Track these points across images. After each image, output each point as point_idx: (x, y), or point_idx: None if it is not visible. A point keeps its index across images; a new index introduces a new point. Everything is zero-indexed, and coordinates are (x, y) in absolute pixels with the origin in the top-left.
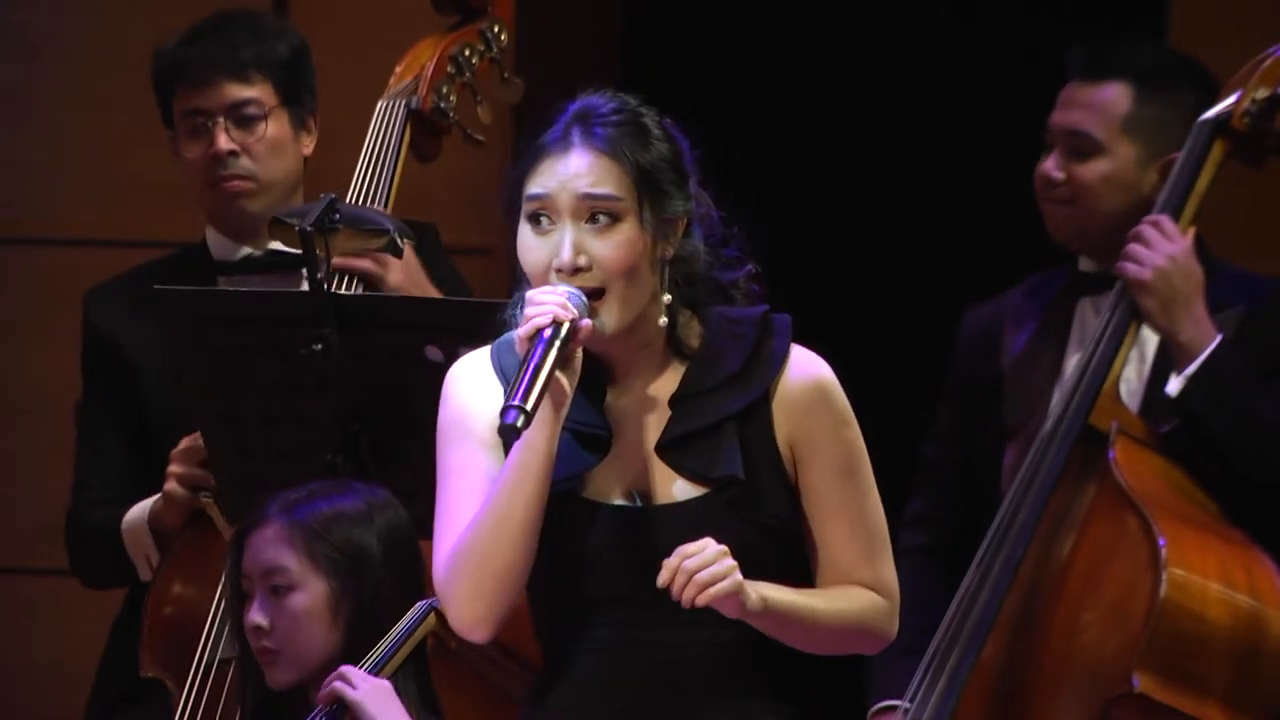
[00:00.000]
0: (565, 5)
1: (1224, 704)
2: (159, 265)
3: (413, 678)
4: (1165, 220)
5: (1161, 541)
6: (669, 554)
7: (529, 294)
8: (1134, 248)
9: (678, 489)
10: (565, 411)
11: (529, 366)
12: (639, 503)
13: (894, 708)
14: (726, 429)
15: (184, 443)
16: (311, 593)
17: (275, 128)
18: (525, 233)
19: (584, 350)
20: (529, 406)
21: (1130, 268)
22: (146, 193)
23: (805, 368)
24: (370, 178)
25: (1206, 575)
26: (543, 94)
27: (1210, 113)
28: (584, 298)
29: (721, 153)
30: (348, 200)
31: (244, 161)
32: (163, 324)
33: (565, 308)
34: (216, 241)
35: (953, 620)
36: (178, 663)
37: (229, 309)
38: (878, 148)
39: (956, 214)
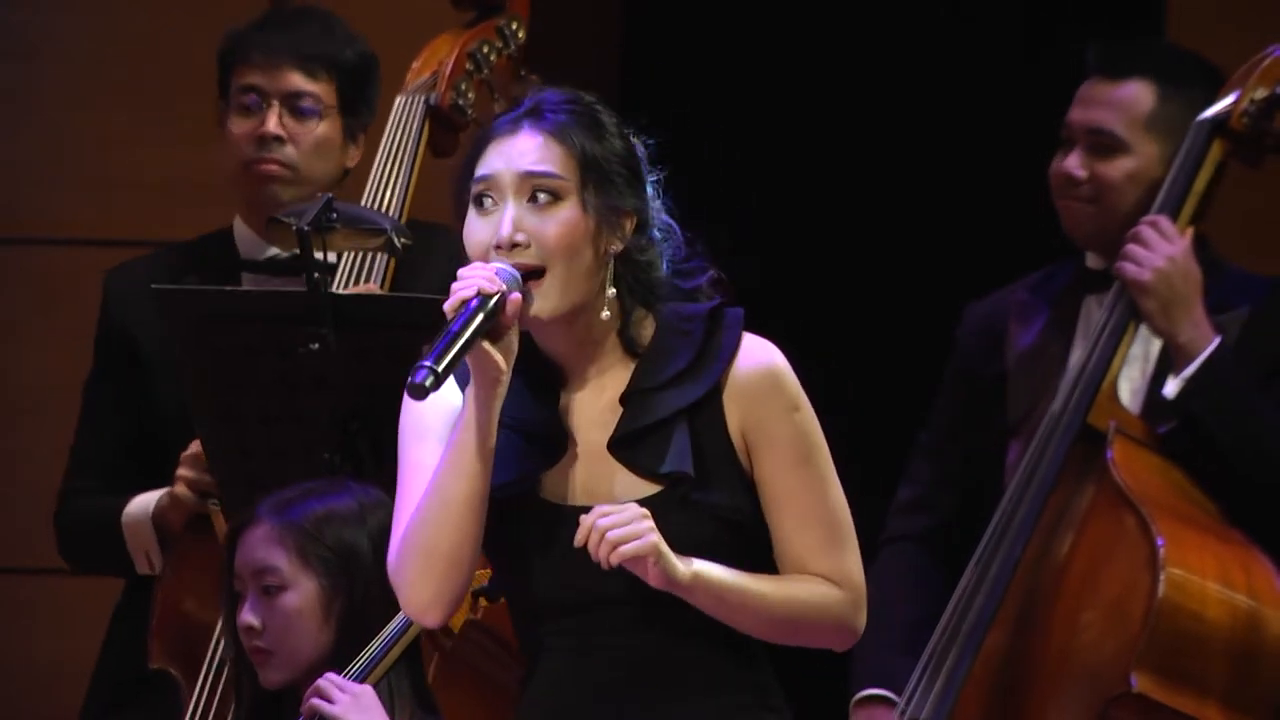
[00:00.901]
0: (565, 5)
1: (1223, 704)
2: (183, 250)
3: (406, 676)
4: (1164, 221)
5: (1160, 541)
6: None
7: (460, 270)
8: (1132, 248)
9: (631, 487)
10: (502, 390)
11: (448, 332)
12: (593, 503)
13: (878, 697)
14: (676, 424)
15: (193, 446)
16: (303, 592)
17: (327, 129)
18: (471, 216)
19: (538, 352)
20: (439, 367)
21: (1129, 268)
22: (145, 192)
23: (755, 356)
24: (388, 173)
25: (1205, 575)
26: None
27: (1209, 112)
28: (517, 275)
29: (722, 151)
30: (365, 196)
31: (288, 149)
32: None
33: (491, 280)
34: (245, 236)
35: (951, 619)
36: (186, 655)
37: (228, 308)
38: (876, 147)
39: (953, 212)
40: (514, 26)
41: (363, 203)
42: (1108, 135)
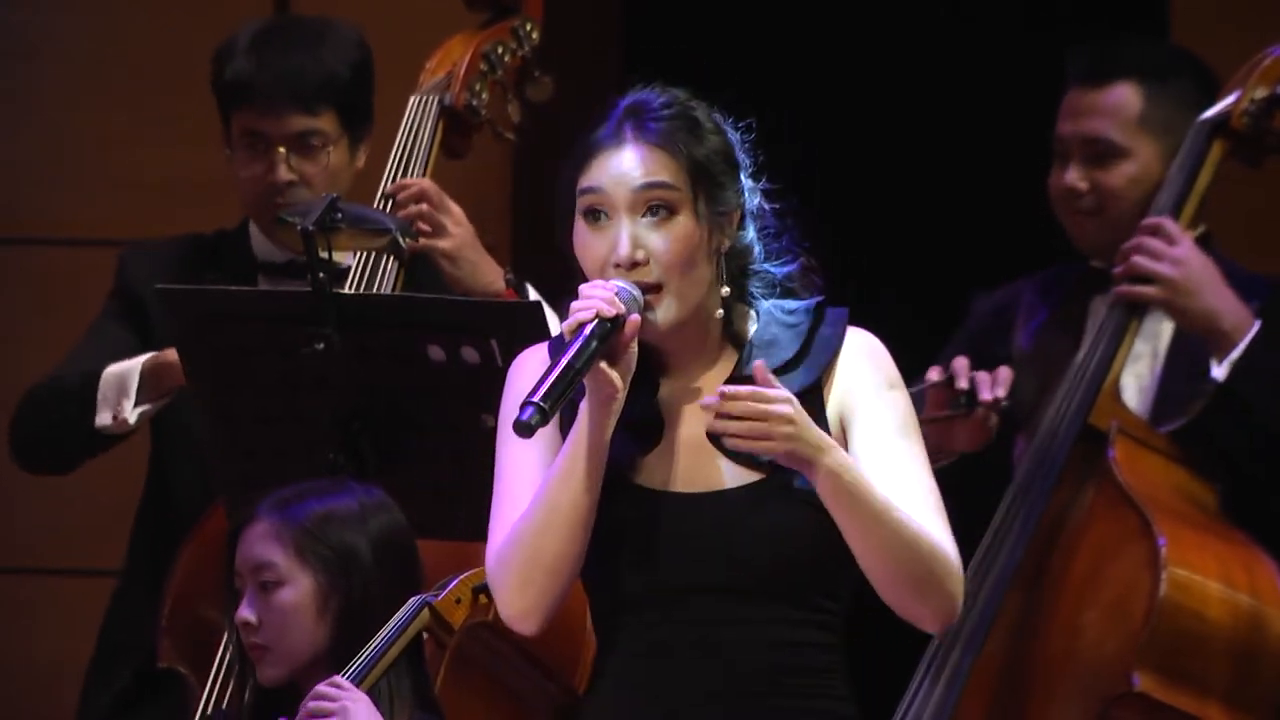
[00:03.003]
0: (565, 5)
1: (1224, 703)
2: (200, 244)
3: (406, 674)
4: (1167, 222)
5: (1161, 541)
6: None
7: (581, 287)
8: (1142, 262)
9: (730, 475)
10: (618, 406)
11: (559, 362)
12: (690, 491)
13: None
14: None
15: None
16: (299, 588)
17: (336, 157)
18: (581, 229)
19: (639, 343)
20: (547, 404)
21: (1148, 288)
22: (146, 192)
23: (858, 341)
24: (401, 173)
25: (1206, 574)
26: None
27: (1209, 113)
28: (636, 293)
29: None
30: (377, 197)
31: (301, 190)
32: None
33: (612, 303)
34: (261, 243)
35: None
36: (195, 653)
37: (231, 308)
38: (876, 147)
39: (952, 213)
40: (528, 28)
41: (375, 203)
42: (1104, 143)
